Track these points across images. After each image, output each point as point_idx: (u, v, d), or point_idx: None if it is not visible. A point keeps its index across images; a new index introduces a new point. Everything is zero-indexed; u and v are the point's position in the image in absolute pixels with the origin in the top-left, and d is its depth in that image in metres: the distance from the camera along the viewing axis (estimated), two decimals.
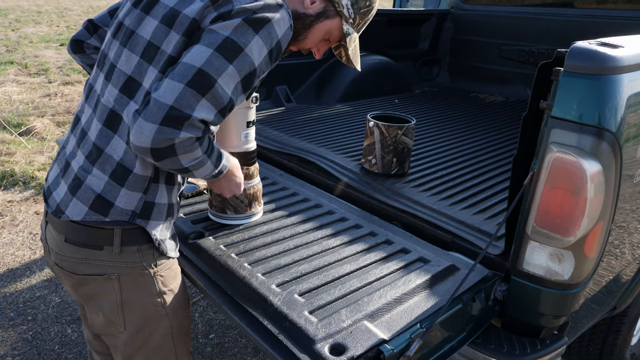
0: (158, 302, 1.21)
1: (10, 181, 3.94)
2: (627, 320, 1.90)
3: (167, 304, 1.23)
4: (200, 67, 0.98)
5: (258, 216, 1.61)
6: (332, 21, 1.23)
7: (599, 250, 1.27)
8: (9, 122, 5.12)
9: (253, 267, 1.34)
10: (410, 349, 1.09)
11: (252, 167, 1.52)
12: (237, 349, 2.35)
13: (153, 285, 1.20)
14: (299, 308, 1.18)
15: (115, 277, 1.15)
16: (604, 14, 3.08)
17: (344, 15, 1.23)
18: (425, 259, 1.41)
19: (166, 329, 1.24)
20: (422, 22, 3.75)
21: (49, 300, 2.63)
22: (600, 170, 1.14)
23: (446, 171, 2.04)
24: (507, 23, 3.52)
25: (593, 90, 1.13)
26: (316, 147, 2.23)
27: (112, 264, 1.15)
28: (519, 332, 1.37)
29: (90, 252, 1.14)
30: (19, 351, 2.27)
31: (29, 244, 3.14)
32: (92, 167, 1.11)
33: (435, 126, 2.73)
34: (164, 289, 1.22)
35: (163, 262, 1.21)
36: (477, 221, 1.60)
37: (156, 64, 1.06)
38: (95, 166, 1.10)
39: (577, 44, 1.15)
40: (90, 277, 1.16)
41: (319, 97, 3.12)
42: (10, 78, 7.10)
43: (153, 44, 1.07)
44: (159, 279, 1.20)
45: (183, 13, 1.05)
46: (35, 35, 11.24)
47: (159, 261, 1.20)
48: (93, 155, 1.11)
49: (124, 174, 1.10)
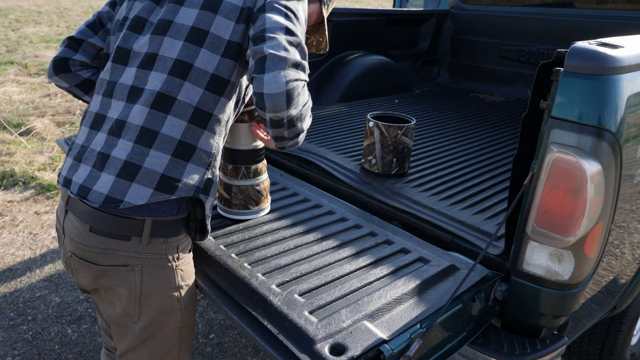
0: (175, 296, 1.23)
1: (10, 181, 3.94)
2: (627, 320, 1.90)
3: (182, 298, 1.24)
4: (284, 25, 1.12)
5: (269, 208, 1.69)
6: (313, 5, 1.41)
7: (599, 251, 1.27)
8: (9, 122, 5.13)
9: (253, 267, 1.34)
10: (410, 349, 1.09)
11: (260, 164, 1.56)
12: (237, 349, 2.35)
13: (173, 279, 1.22)
14: (299, 308, 1.18)
15: (138, 269, 1.17)
16: (604, 14, 3.08)
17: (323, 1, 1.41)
18: (425, 259, 1.41)
19: (177, 323, 1.26)
20: (422, 22, 3.75)
21: (49, 300, 2.63)
22: (600, 170, 1.15)
23: (446, 171, 2.04)
24: (507, 23, 3.52)
25: (593, 90, 1.13)
26: (316, 147, 2.23)
27: (137, 254, 1.16)
28: (519, 332, 1.37)
29: (116, 242, 1.15)
30: (19, 351, 2.27)
31: (29, 244, 3.14)
32: (149, 149, 1.14)
33: (435, 126, 2.73)
34: (182, 284, 1.24)
35: (185, 256, 1.24)
36: (477, 221, 1.60)
37: (209, 46, 1.17)
38: (152, 148, 1.14)
39: (577, 44, 1.15)
40: (112, 268, 1.17)
41: (319, 97, 3.12)
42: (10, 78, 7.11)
43: (199, 28, 1.17)
44: (179, 273, 1.22)
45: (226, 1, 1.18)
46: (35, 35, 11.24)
47: (182, 255, 1.23)
48: (146, 139, 1.14)
49: (187, 150, 1.16)
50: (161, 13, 1.22)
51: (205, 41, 1.17)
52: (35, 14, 15.54)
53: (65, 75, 1.37)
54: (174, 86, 1.16)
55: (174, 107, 1.16)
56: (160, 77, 1.16)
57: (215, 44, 1.17)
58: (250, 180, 1.55)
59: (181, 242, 1.22)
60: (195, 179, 1.18)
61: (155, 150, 1.14)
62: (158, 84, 1.16)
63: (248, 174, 1.54)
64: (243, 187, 1.55)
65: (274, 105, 1.07)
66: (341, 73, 3.16)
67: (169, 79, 1.16)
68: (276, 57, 1.08)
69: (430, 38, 3.81)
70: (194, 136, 1.17)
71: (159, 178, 1.14)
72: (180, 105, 1.16)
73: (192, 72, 1.16)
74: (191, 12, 1.19)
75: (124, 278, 1.18)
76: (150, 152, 1.14)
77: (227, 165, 1.55)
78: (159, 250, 1.18)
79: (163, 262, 1.19)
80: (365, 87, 3.24)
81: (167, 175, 1.14)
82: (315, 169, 2.04)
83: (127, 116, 1.17)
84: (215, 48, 1.17)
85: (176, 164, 1.15)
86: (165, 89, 1.16)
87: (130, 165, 1.14)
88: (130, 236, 1.15)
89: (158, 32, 1.19)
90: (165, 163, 1.14)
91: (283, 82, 1.06)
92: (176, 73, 1.16)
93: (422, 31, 3.80)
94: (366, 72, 3.22)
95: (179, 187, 1.15)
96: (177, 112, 1.16)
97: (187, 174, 1.17)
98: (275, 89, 1.06)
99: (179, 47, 1.17)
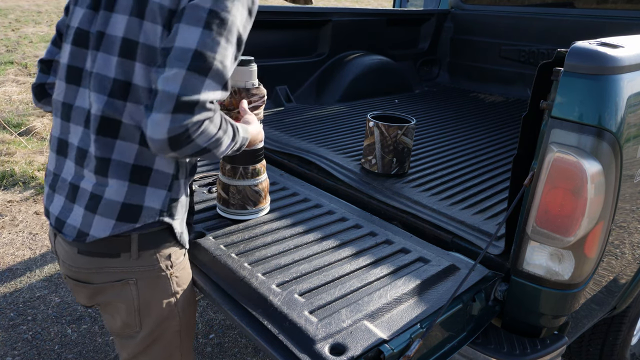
0: (172, 302, 1.22)
1: (10, 181, 3.94)
2: (627, 320, 1.90)
3: (179, 303, 1.24)
4: (195, 48, 0.96)
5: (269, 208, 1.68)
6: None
7: (599, 250, 1.27)
8: (9, 122, 5.13)
9: (253, 267, 1.34)
10: (410, 349, 1.09)
11: (259, 164, 1.55)
12: (237, 349, 2.35)
13: (169, 287, 1.20)
14: (299, 308, 1.18)
15: (133, 282, 1.15)
16: (604, 14, 3.08)
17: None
18: (425, 259, 1.41)
19: (176, 327, 1.25)
20: (422, 22, 3.75)
21: (49, 300, 2.63)
22: (600, 170, 1.14)
23: (446, 171, 2.04)
24: (507, 23, 3.52)
25: (593, 90, 1.13)
26: (316, 147, 2.23)
27: (129, 269, 1.14)
28: (519, 332, 1.37)
29: (106, 260, 1.13)
30: (19, 351, 2.27)
31: (29, 244, 3.14)
32: (107, 179, 1.08)
33: (435, 126, 2.73)
34: (178, 289, 1.23)
35: (178, 262, 1.22)
36: (477, 221, 1.60)
37: (143, 59, 1.04)
38: (109, 177, 1.08)
39: (577, 44, 1.15)
40: (107, 285, 1.16)
41: (319, 97, 3.12)
42: (10, 78, 7.10)
43: (129, 39, 1.04)
44: (175, 280, 1.21)
45: (151, 1, 1.02)
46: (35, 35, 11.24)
47: (175, 262, 1.21)
48: (102, 169, 1.09)
49: (143, 174, 1.09)
50: (97, 23, 1.09)
51: (137, 53, 1.04)
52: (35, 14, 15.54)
53: (48, 100, 1.30)
54: (117, 108, 1.06)
55: (122, 131, 1.07)
56: (101, 100, 1.06)
57: (148, 55, 1.03)
58: (248, 181, 1.54)
59: (173, 250, 1.19)
60: (157, 203, 1.12)
61: (112, 178, 1.08)
62: (100, 107, 1.06)
63: (246, 174, 1.53)
64: (241, 187, 1.55)
65: (157, 150, 0.98)
66: (341, 73, 3.16)
67: (110, 101, 1.06)
68: (166, 95, 0.94)
69: (430, 38, 3.81)
70: (147, 158, 1.09)
71: (119, 207, 1.09)
72: (127, 128, 1.07)
73: (132, 90, 1.05)
74: (121, 19, 1.05)
75: (121, 293, 1.16)
76: (108, 182, 1.09)
77: (225, 165, 1.54)
78: (150, 261, 1.16)
79: (157, 273, 1.17)
80: (365, 87, 3.24)
81: (127, 203, 1.09)
82: (315, 169, 2.04)
83: (87, 144, 1.10)
84: (150, 60, 1.04)
85: (135, 190, 1.09)
86: (108, 113, 1.06)
87: (95, 196, 1.09)
88: (120, 252, 1.13)
89: (95, 47, 1.08)
90: (125, 190, 1.09)
91: (166, 128, 0.94)
92: (116, 94, 1.06)
93: (422, 31, 3.80)
94: (366, 72, 3.22)
95: (141, 213, 1.10)
96: (125, 135, 1.07)
97: (148, 198, 1.10)
98: (156, 133, 0.94)
99: (114, 64, 1.05)
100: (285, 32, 2.92)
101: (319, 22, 3.06)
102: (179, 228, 1.18)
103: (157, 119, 0.94)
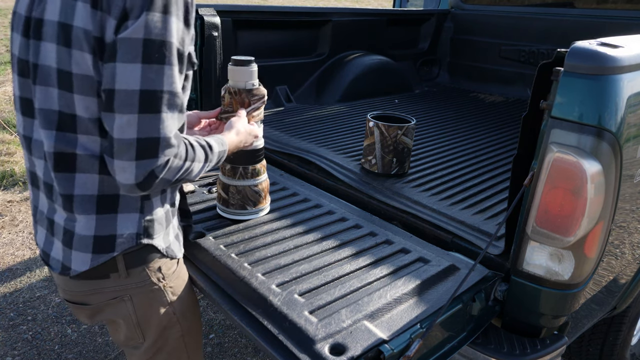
0: (170, 311, 1.22)
1: (10, 181, 3.94)
2: (627, 320, 1.90)
3: (177, 310, 1.24)
4: (140, 89, 0.91)
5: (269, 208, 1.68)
6: None
7: (599, 250, 1.27)
8: (9, 122, 5.12)
9: (253, 267, 1.34)
10: (410, 349, 1.09)
11: (259, 164, 1.55)
12: (237, 349, 2.35)
13: (164, 298, 1.20)
14: (299, 308, 1.18)
15: (127, 298, 1.15)
16: (604, 14, 3.08)
17: None
18: (425, 259, 1.41)
19: (178, 333, 1.25)
20: (422, 22, 3.75)
21: (49, 300, 2.63)
22: (600, 170, 1.14)
23: (446, 171, 2.04)
24: (507, 23, 3.52)
25: (593, 90, 1.13)
26: (316, 147, 2.23)
27: (121, 287, 1.14)
28: (519, 332, 1.37)
29: (97, 282, 1.12)
30: (19, 351, 2.27)
31: (29, 244, 3.14)
32: (74, 214, 1.06)
33: (435, 126, 2.73)
34: (174, 298, 1.23)
35: (170, 272, 1.20)
36: (477, 221, 1.60)
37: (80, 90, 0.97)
38: (75, 213, 1.05)
39: (577, 43, 1.15)
40: (103, 304, 1.16)
41: (319, 97, 3.12)
42: (10, 78, 7.10)
43: (63, 70, 0.97)
44: (169, 290, 1.21)
45: (75, 26, 0.94)
46: None
47: (167, 273, 1.19)
48: (67, 205, 1.05)
49: (111, 202, 1.06)
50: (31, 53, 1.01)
51: (74, 85, 0.97)
52: None
53: None
54: (69, 141, 1.01)
55: (78, 164, 1.02)
56: (50, 136, 1.01)
57: (83, 85, 0.97)
58: (248, 181, 1.54)
59: (162, 262, 1.17)
60: (131, 227, 1.09)
61: (79, 214, 1.05)
62: (51, 143, 1.01)
63: (246, 174, 1.53)
64: (240, 187, 1.55)
65: (128, 191, 0.98)
66: (341, 73, 3.16)
67: (60, 135, 1.00)
68: (124, 144, 0.91)
69: (430, 38, 3.81)
70: (111, 186, 1.04)
71: (92, 241, 1.07)
72: (83, 159, 1.02)
73: (78, 122, 0.99)
74: (50, 48, 0.97)
75: (118, 310, 1.17)
76: (76, 217, 1.06)
77: (225, 165, 1.54)
78: (140, 278, 1.14)
79: (149, 287, 1.16)
80: (365, 87, 3.24)
81: (99, 235, 1.07)
82: (315, 169, 2.04)
83: (51, 179, 1.07)
84: (86, 90, 0.97)
85: (105, 221, 1.06)
86: (60, 148, 1.01)
87: (67, 232, 1.08)
88: (109, 274, 1.11)
89: (33, 80, 1.02)
90: (93, 224, 1.06)
91: (133, 175, 0.93)
92: (65, 127, 1.00)
93: (422, 31, 3.80)
94: (366, 72, 3.22)
95: (116, 242, 1.07)
96: (83, 167, 1.02)
97: (120, 225, 1.07)
98: (124, 179, 0.94)
99: (55, 97, 0.99)
100: (285, 32, 2.92)
101: (319, 22, 3.06)
102: (162, 244, 1.15)
103: (122, 166, 0.93)
